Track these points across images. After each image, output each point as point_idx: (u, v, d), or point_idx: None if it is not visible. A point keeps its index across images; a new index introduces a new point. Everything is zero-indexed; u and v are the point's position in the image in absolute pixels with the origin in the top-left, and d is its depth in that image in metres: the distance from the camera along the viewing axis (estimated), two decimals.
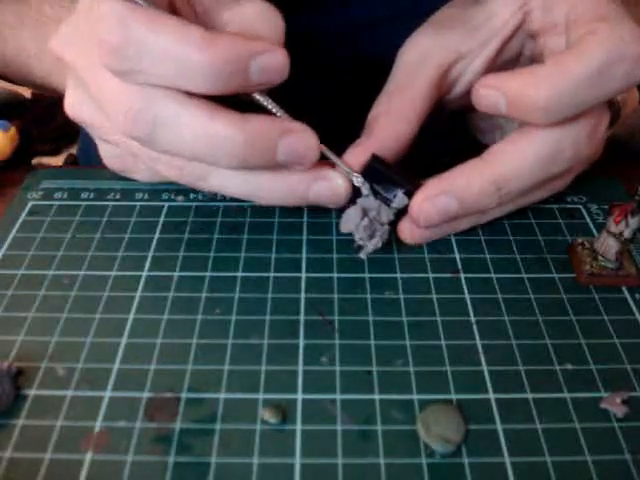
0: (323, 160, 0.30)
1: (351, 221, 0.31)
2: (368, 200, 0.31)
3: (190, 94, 0.26)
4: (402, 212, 0.31)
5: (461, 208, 0.30)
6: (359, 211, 0.31)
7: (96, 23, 0.26)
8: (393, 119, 0.31)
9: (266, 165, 0.29)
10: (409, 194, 0.30)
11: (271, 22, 0.29)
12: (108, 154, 0.34)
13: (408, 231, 0.32)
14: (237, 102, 0.28)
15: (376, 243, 0.31)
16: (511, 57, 0.34)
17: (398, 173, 0.31)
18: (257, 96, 0.28)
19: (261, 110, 0.28)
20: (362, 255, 0.31)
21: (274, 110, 0.29)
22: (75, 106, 0.32)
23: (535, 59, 0.33)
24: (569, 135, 0.28)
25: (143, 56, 0.25)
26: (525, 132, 0.29)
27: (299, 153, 0.28)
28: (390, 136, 0.31)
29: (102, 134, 0.32)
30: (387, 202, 0.31)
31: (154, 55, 0.25)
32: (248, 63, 0.26)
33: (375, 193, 0.31)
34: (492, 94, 0.29)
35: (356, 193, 0.31)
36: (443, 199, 0.29)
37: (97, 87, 0.28)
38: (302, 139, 0.28)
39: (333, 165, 0.30)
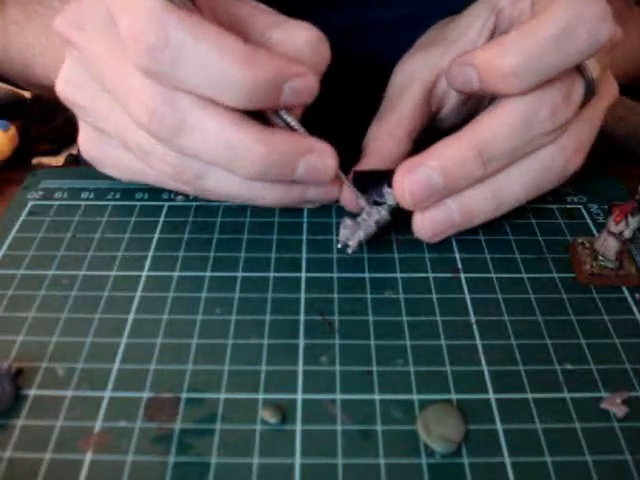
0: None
1: (343, 230, 0.32)
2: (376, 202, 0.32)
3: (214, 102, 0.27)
4: (400, 213, 0.31)
5: (445, 179, 0.29)
6: (348, 220, 0.32)
7: (128, 18, 0.25)
8: (383, 140, 0.32)
9: (281, 179, 0.29)
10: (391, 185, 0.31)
11: (319, 53, 0.29)
12: (89, 141, 0.33)
13: (417, 224, 0.32)
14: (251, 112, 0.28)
15: (359, 237, 0.31)
16: None
17: (379, 172, 0.31)
18: (280, 111, 0.29)
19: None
20: (349, 251, 0.31)
21: (293, 124, 0.29)
22: (71, 87, 0.31)
23: None
24: (543, 97, 0.28)
25: (180, 62, 0.25)
26: (500, 101, 0.29)
27: (317, 173, 0.29)
28: (382, 157, 0.32)
29: (96, 120, 0.31)
30: (381, 203, 0.31)
31: (191, 63, 0.25)
32: (283, 85, 0.26)
33: (377, 203, 0.31)
34: (463, 69, 0.29)
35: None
36: (423, 171, 0.29)
37: (115, 78, 0.28)
38: (322, 159, 0.28)
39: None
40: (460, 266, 0.32)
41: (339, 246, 0.32)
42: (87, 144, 0.33)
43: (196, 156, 0.28)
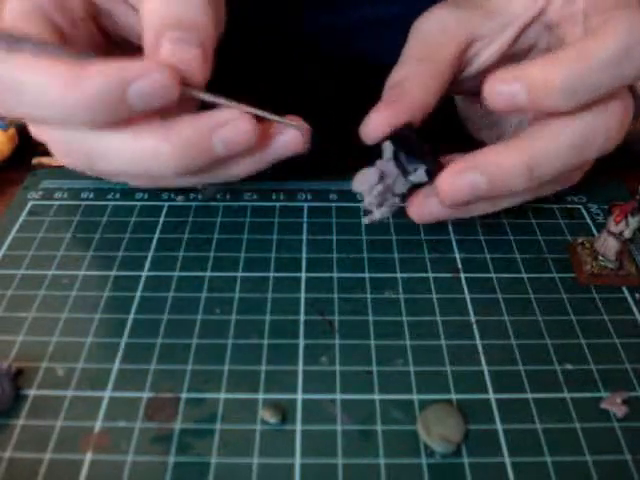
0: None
1: (366, 182, 0.30)
2: (388, 165, 0.30)
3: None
4: (414, 189, 0.30)
5: (490, 187, 0.28)
6: (377, 174, 0.30)
7: None
8: (418, 86, 0.31)
9: (210, 161, 0.27)
10: (429, 173, 0.29)
11: (192, 6, 0.26)
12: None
13: (417, 207, 0.31)
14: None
15: (383, 212, 0.30)
16: (525, 48, 0.33)
17: (426, 149, 0.30)
18: (200, 94, 0.26)
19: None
20: (366, 221, 0.30)
21: (220, 101, 0.27)
22: (34, 128, 0.31)
23: (551, 50, 0.33)
24: (601, 121, 0.28)
25: (20, 100, 0.25)
26: (558, 119, 0.28)
27: (238, 143, 0.27)
28: (416, 102, 0.30)
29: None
30: (405, 173, 0.30)
31: (27, 99, 0.25)
32: (123, 92, 0.24)
33: (396, 159, 0.30)
34: (510, 87, 0.27)
35: (376, 154, 0.30)
36: (473, 176, 0.28)
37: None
38: (236, 127, 0.26)
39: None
40: (460, 266, 0.32)
41: (354, 189, 0.30)
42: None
43: (125, 176, 0.28)
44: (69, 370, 0.27)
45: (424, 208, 0.31)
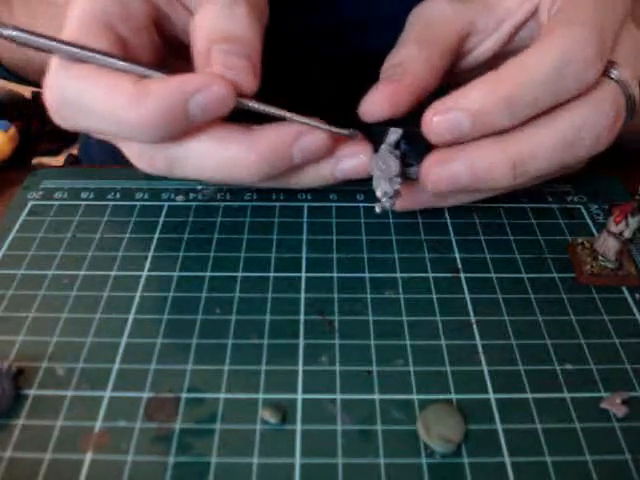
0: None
1: (387, 170, 0.29)
2: (394, 159, 0.29)
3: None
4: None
5: (471, 180, 0.28)
6: (399, 167, 0.29)
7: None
8: (419, 66, 0.30)
9: (286, 170, 0.29)
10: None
11: (240, 17, 0.27)
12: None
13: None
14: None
15: (391, 203, 0.30)
16: (520, 46, 0.33)
17: (426, 151, 0.29)
18: (253, 105, 0.27)
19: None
20: (378, 209, 0.30)
21: (271, 111, 0.28)
22: None
23: None
24: (591, 120, 0.28)
25: (80, 116, 0.25)
26: (546, 119, 0.28)
27: (314, 152, 0.28)
28: (417, 82, 0.30)
29: None
30: (403, 164, 0.30)
31: (90, 115, 0.25)
32: (185, 107, 0.25)
33: (397, 148, 0.30)
34: (452, 116, 0.27)
35: (382, 135, 0.30)
36: (456, 167, 0.28)
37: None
38: (314, 138, 0.28)
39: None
40: (460, 266, 0.32)
41: (369, 169, 0.30)
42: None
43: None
44: (69, 370, 0.27)
45: (404, 199, 0.31)
